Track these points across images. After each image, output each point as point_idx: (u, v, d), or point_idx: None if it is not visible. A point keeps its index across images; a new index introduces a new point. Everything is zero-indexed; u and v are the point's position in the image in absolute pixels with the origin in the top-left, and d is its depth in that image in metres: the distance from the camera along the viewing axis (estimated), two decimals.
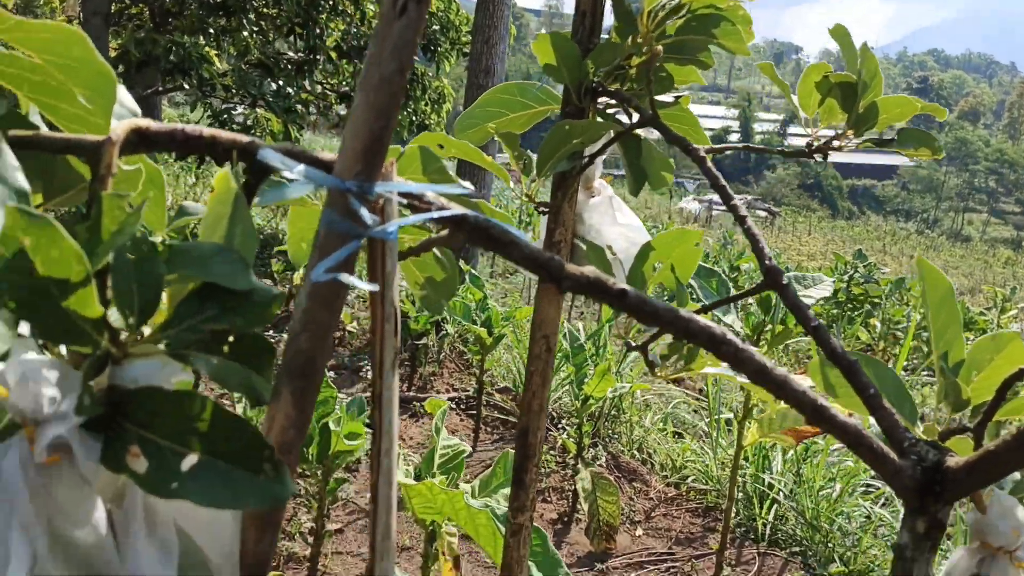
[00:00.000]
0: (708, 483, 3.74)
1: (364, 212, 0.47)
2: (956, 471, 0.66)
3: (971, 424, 0.79)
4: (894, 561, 0.70)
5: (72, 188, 0.59)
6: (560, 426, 4.28)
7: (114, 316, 0.46)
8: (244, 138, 0.51)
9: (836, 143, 1.01)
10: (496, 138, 1.05)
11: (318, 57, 6.83)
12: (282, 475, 0.46)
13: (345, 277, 0.47)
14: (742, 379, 1.05)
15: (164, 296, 0.47)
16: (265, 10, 6.60)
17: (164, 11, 6.72)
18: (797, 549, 3.29)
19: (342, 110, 7.76)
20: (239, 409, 2.63)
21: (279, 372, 0.52)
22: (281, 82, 6.44)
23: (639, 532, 3.36)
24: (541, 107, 1.16)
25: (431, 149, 0.73)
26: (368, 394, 4.28)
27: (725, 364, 1.06)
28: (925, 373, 8.09)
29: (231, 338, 0.50)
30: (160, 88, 6.48)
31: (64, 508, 0.45)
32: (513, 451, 2.08)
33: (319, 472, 2.54)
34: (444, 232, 0.57)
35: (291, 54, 6.83)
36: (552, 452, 3.94)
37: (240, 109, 6.51)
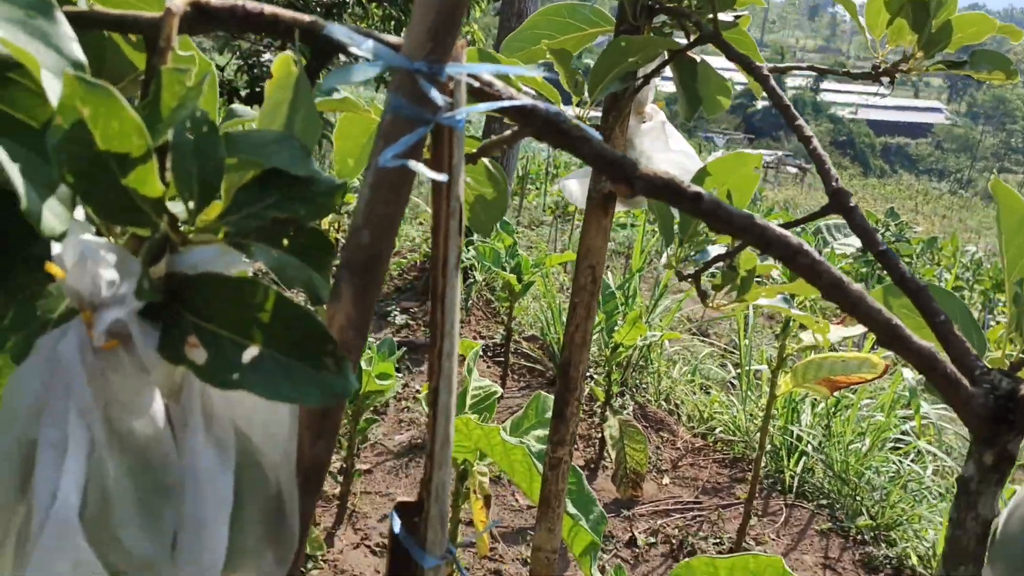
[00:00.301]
0: (736, 434, 3.72)
1: (435, 93, 0.44)
2: None
3: None
4: (957, 495, 0.67)
5: (124, 78, 0.56)
6: (589, 375, 4.27)
7: (173, 203, 0.44)
8: (306, 17, 0.48)
9: (904, 65, 0.96)
10: (548, 56, 1.01)
11: (347, 0, 6.73)
12: (344, 370, 0.43)
13: (414, 164, 0.44)
14: (795, 311, 1.02)
15: (224, 180, 0.45)
16: None
17: None
18: (824, 502, 3.28)
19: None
20: None
21: (339, 269, 0.49)
22: None
23: (666, 481, 3.37)
24: (592, 28, 1.12)
25: (488, 51, 0.70)
26: (398, 337, 4.29)
27: (779, 297, 1.03)
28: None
29: (291, 232, 0.48)
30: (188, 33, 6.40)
31: (122, 396, 0.43)
32: (544, 393, 2.07)
33: (349, 412, 2.55)
34: (510, 131, 0.54)
35: None
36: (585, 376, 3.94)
37: (268, 56, 6.46)
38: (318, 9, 6.52)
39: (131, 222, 0.42)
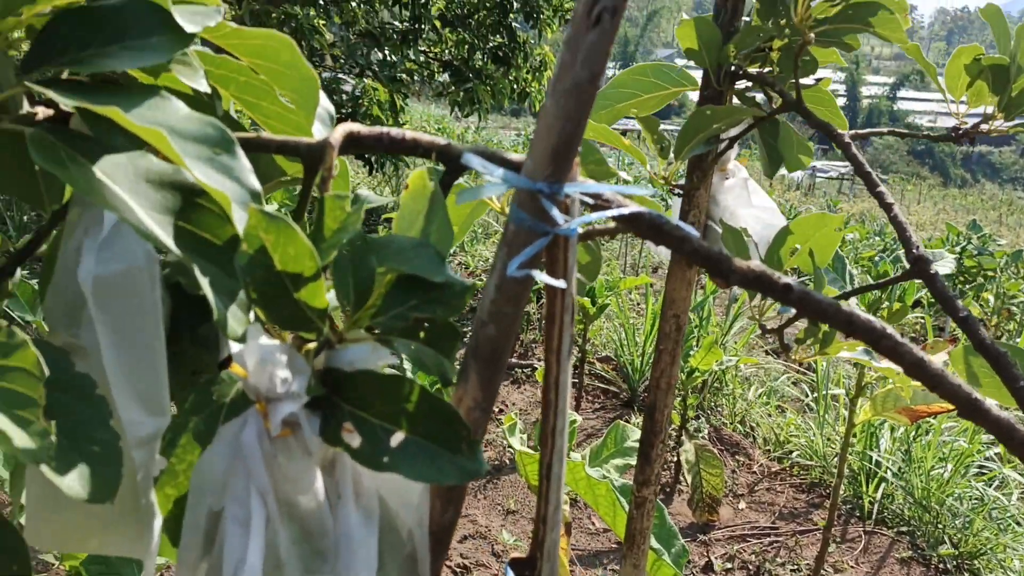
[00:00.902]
0: (813, 459, 3.69)
1: (555, 212, 0.51)
2: None
3: None
4: None
5: (273, 179, 0.64)
6: None
7: (331, 304, 0.52)
8: (441, 140, 0.55)
9: (984, 127, 0.99)
10: (636, 122, 1.07)
11: (423, 26, 6.89)
12: (477, 454, 0.50)
13: (537, 274, 0.51)
14: (879, 363, 1.05)
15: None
16: None
17: None
18: (905, 529, 3.23)
19: (443, 78, 7.83)
20: None
21: (467, 356, 0.56)
22: (387, 51, 6.54)
23: (742, 505, 3.36)
24: (675, 88, 1.17)
25: (591, 142, 0.76)
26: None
27: (860, 348, 1.06)
28: None
29: (426, 324, 0.55)
30: None
31: (291, 476, 0.50)
32: (622, 423, 2.11)
33: None
34: (611, 224, 0.60)
35: (396, 23, 6.92)
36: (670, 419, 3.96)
37: (348, 79, 6.66)
38: (395, 36, 6.70)
39: (300, 328, 0.50)
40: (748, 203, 1.11)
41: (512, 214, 0.53)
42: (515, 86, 7.69)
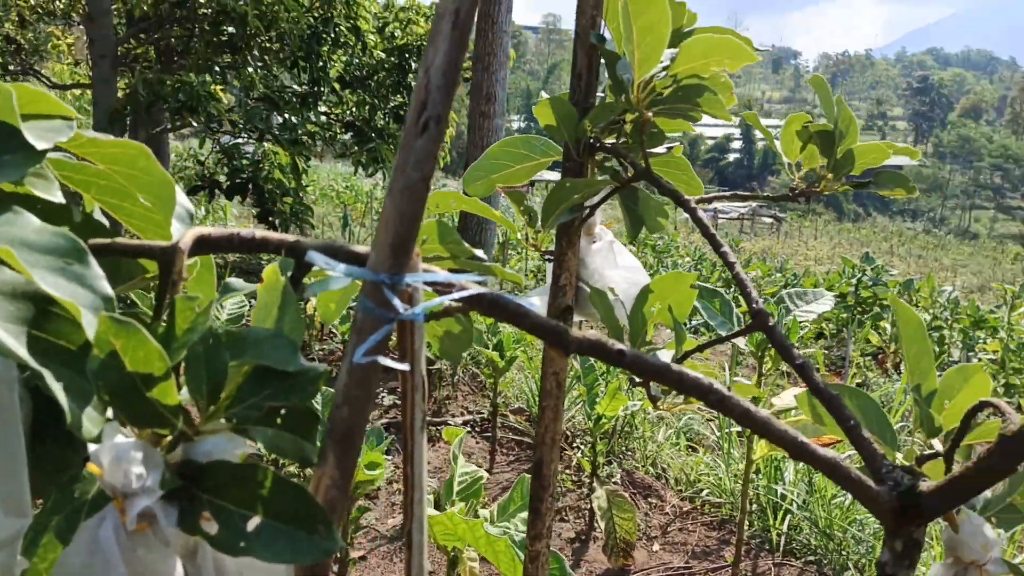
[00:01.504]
0: (722, 496, 3.79)
1: (396, 301, 0.55)
2: (928, 495, 0.74)
3: (943, 449, 0.86)
4: None
5: (135, 277, 0.67)
6: (575, 445, 4.34)
7: (186, 398, 0.54)
8: (290, 237, 0.59)
9: (817, 186, 1.08)
10: (503, 196, 1.13)
11: (322, 88, 6.95)
12: (332, 533, 0.53)
13: (382, 359, 0.55)
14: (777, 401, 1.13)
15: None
16: (269, 45, 6.72)
17: (170, 50, 6.86)
18: (812, 558, 3.34)
19: (346, 138, 7.88)
20: None
21: (325, 438, 0.59)
22: (287, 115, 6.56)
23: (656, 547, 3.42)
24: (544, 158, 1.24)
25: (446, 223, 0.81)
26: (383, 421, 4.36)
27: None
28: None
29: (282, 410, 0.58)
30: (168, 127, 6.60)
31: (149, 568, 0.53)
32: (529, 476, 2.15)
33: None
34: (462, 304, 0.64)
35: (295, 87, 6.95)
36: (568, 471, 4.01)
37: (247, 143, 6.64)
38: (294, 99, 6.72)
39: (154, 424, 0.52)
40: (615, 264, 1.18)
41: (360, 303, 0.58)
42: None
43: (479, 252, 0.82)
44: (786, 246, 26.87)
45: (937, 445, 0.84)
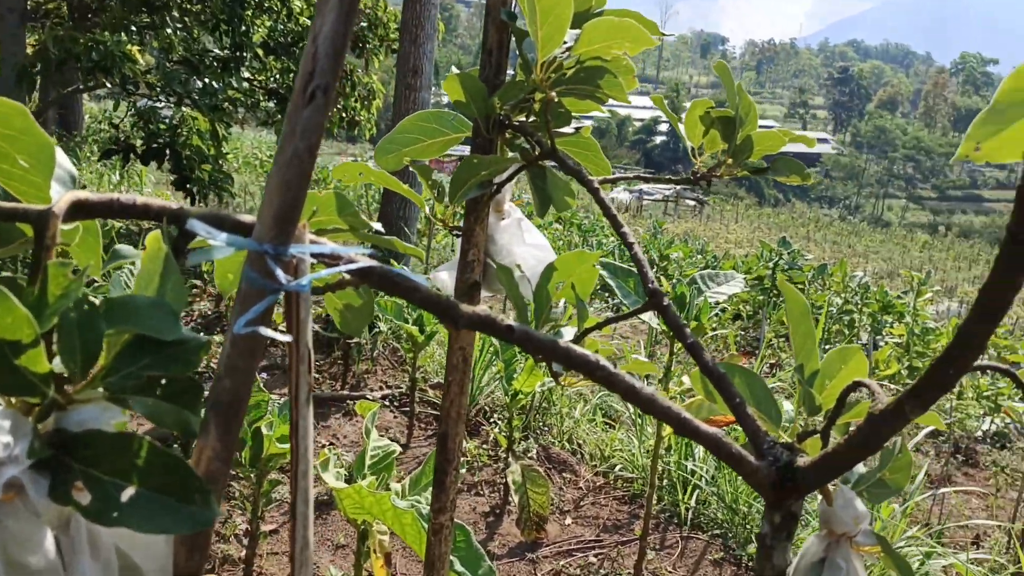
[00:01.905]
0: (635, 471, 3.88)
1: (279, 272, 0.55)
2: (805, 470, 0.77)
3: (820, 428, 0.90)
4: (757, 549, 0.81)
5: (14, 242, 0.65)
6: (492, 420, 4.37)
7: (59, 367, 0.53)
8: (174, 205, 0.58)
9: (718, 171, 1.11)
10: (411, 168, 1.12)
11: (245, 54, 6.76)
12: (210, 503, 0.53)
13: (263, 330, 0.54)
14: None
15: (103, 345, 0.54)
16: (189, 6, 6.50)
17: (84, 7, 6.57)
18: (718, 532, 3.45)
19: (269, 106, 7.70)
20: None
21: (206, 410, 0.59)
22: (207, 79, 6.37)
23: (568, 521, 3.48)
24: (455, 134, 1.24)
25: (344, 195, 0.81)
26: None
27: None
28: None
29: (163, 380, 0.57)
30: (81, 87, 6.34)
31: (18, 538, 0.52)
32: None
33: (252, 475, 2.58)
34: (352, 276, 0.64)
35: (217, 51, 6.75)
36: (485, 446, 4.04)
37: (165, 107, 6.42)
38: (215, 64, 6.53)
39: (23, 393, 0.51)
40: (522, 241, 1.19)
41: (244, 274, 0.57)
42: (343, 115, 7.67)
43: (377, 225, 0.82)
44: (708, 229, 27.42)
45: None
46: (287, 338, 0.57)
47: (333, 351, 4.94)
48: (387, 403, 4.50)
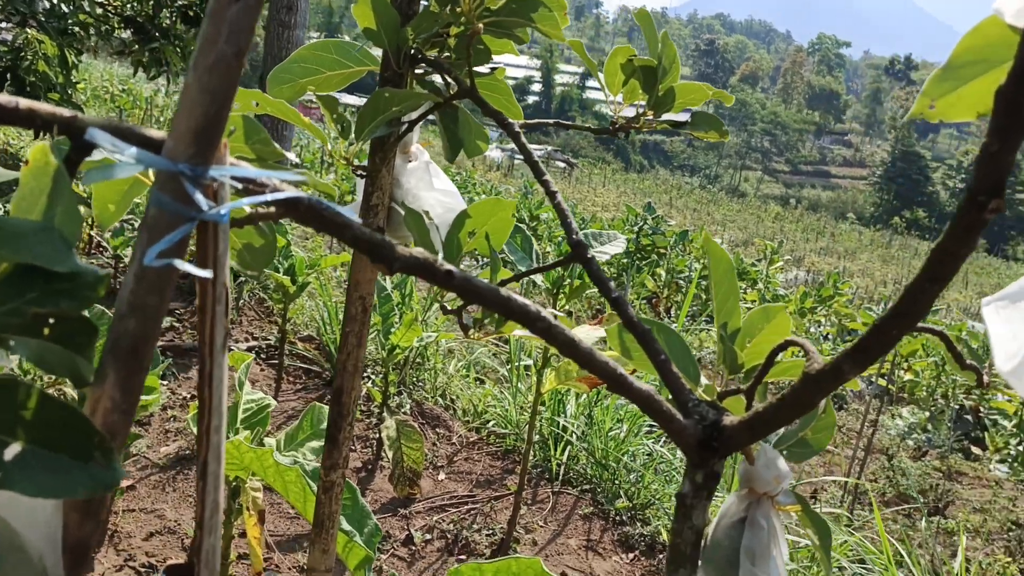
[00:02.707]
0: (507, 427, 3.90)
1: (199, 196, 0.47)
2: (732, 429, 0.76)
3: (743, 386, 0.90)
4: (677, 508, 0.79)
5: None
6: (366, 375, 4.29)
7: None
8: (66, 112, 0.49)
9: (637, 123, 1.08)
10: (315, 99, 1.04)
11: None
12: (112, 461, 0.46)
13: (179, 263, 0.47)
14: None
15: None
16: None
17: None
18: (587, 487, 3.52)
19: (125, 35, 7.15)
20: None
21: (104, 354, 0.51)
22: (55, 0, 5.84)
23: (442, 476, 3.47)
24: (358, 67, 1.16)
25: (252, 119, 0.72)
26: (160, 344, 4.08)
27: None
28: (704, 320, 8.80)
29: (51, 319, 0.49)
30: None
31: None
32: (320, 404, 2.08)
33: None
34: (273, 210, 0.57)
35: None
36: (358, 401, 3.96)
37: (7, 28, 5.85)
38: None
39: None
40: (430, 186, 1.13)
41: (152, 197, 0.49)
42: None
43: (291, 155, 0.74)
44: (576, 191, 27.84)
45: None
46: (206, 274, 0.50)
47: (194, 298, 4.70)
48: (254, 356, 4.33)
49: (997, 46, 0.58)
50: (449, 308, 1.05)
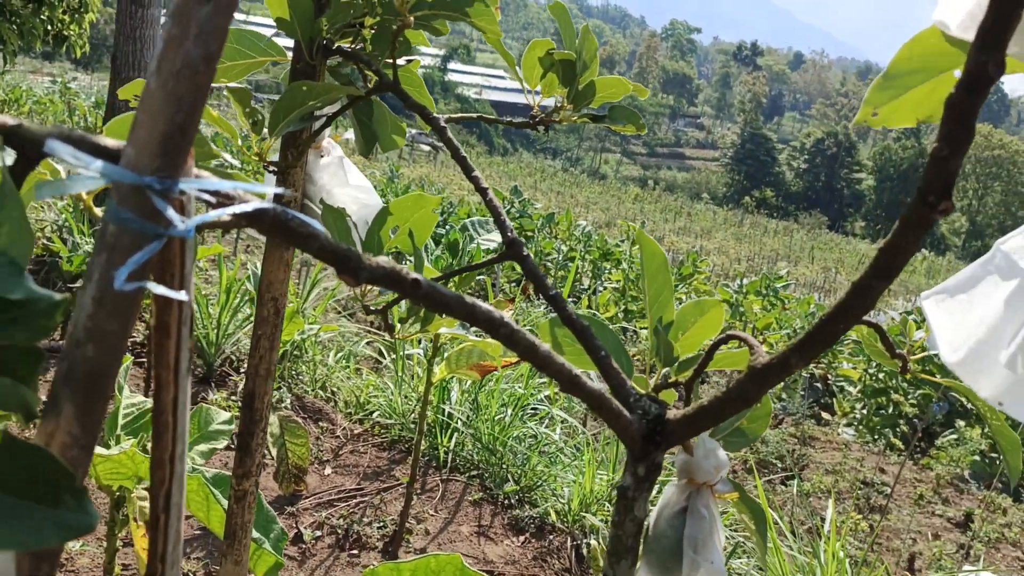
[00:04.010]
0: (393, 417, 3.86)
1: (171, 212, 0.44)
2: (675, 423, 0.77)
3: (675, 376, 0.92)
4: (617, 501, 0.80)
5: None
6: (242, 371, 4.13)
7: None
8: (10, 120, 0.44)
9: (556, 116, 1.08)
10: (225, 93, 0.98)
11: None
12: (84, 505, 0.42)
13: (153, 286, 0.43)
14: (473, 337, 1.12)
15: None
16: None
17: None
18: (475, 473, 3.54)
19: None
20: None
21: (58, 383, 0.46)
22: None
23: (328, 471, 3.40)
24: (261, 57, 1.11)
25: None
26: None
27: (458, 325, 1.11)
28: (572, 301, 8.97)
29: None
30: None
31: None
32: (206, 405, 1.99)
33: None
34: (232, 219, 0.54)
35: None
36: (234, 398, 3.81)
37: None
38: None
39: None
40: (345, 182, 1.09)
41: (111, 213, 0.45)
42: (49, 27, 6.75)
43: (227, 156, 0.70)
44: (443, 175, 27.74)
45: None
46: (181, 295, 0.46)
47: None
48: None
49: (936, 55, 0.61)
50: (373, 308, 1.02)
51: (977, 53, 0.55)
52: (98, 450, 1.57)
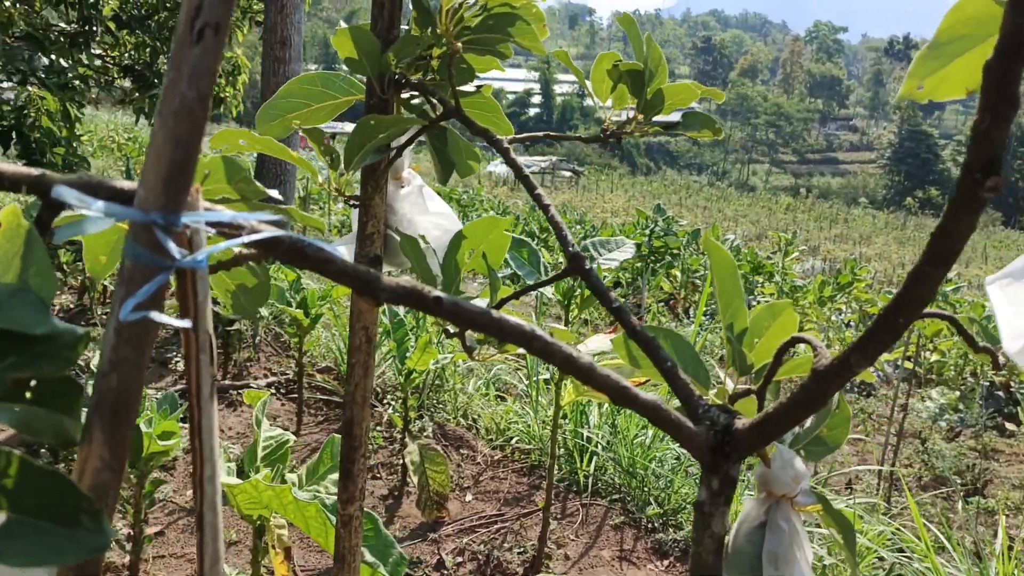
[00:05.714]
0: (531, 443, 3.87)
1: (171, 245, 0.46)
2: (743, 432, 0.74)
3: (755, 386, 0.88)
4: (695, 516, 0.77)
5: None
6: (386, 401, 4.28)
7: None
8: (33, 171, 0.48)
9: (628, 128, 1.07)
10: (301, 133, 1.03)
11: (95, 28, 6.30)
12: (101, 525, 0.44)
13: (156, 315, 0.46)
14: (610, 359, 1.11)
15: None
16: None
17: None
18: (616, 496, 3.49)
19: (126, 84, 7.23)
20: None
21: (89, 412, 0.50)
22: (54, 56, 5.89)
23: (469, 497, 3.45)
24: (345, 97, 1.15)
25: (233, 159, 0.72)
26: (178, 387, 4.09)
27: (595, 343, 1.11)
28: (708, 317, 8.74)
29: (32, 382, 0.48)
30: None
31: None
32: (339, 435, 2.07)
33: (133, 476, 2.41)
34: (255, 251, 0.56)
35: (63, 25, 6.26)
36: (379, 428, 3.94)
37: (9, 88, 5.92)
38: (62, 39, 6.06)
39: None
40: (425, 210, 1.12)
41: (127, 249, 0.48)
42: None
43: (274, 192, 0.73)
44: (584, 199, 27.84)
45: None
46: (185, 324, 0.49)
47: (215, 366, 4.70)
48: (273, 391, 4.33)
49: (981, 21, 0.56)
50: (452, 331, 1.03)
51: (1012, 14, 0.50)
52: (231, 480, 1.66)
